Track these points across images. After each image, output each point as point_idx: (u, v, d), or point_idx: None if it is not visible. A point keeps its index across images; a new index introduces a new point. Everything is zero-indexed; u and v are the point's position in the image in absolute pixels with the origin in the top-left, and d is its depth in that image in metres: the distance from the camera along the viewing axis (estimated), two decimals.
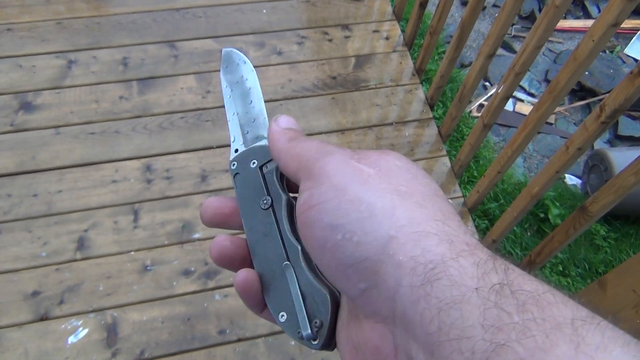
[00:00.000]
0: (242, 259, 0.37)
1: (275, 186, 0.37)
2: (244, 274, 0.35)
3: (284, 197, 0.36)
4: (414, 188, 0.29)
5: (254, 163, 0.38)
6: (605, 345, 0.20)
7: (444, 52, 2.46)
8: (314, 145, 0.32)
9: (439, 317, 0.23)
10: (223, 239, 0.37)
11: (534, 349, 0.20)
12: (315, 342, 0.32)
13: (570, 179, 2.39)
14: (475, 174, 1.98)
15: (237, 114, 0.42)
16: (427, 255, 0.25)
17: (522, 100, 2.68)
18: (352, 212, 0.27)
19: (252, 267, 0.37)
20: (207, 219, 0.39)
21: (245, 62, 0.44)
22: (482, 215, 1.88)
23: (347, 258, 0.27)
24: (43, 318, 1.45)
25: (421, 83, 2.00)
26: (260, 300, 0.35)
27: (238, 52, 0.45)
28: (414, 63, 2.04)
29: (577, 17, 3.07)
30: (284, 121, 0.37)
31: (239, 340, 1.45)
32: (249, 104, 0.42)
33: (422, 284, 0.24)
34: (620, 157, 2.14)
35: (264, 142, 0.39)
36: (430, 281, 0.24)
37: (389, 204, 0.27)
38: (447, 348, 0.22)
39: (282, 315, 0.34)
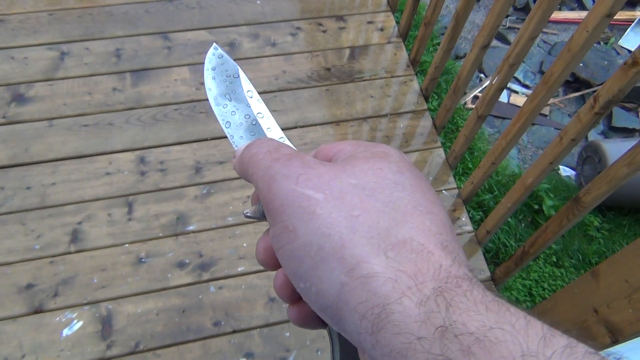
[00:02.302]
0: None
1: None
2: (297, 309, 0.33)
3: None
4: (369, 209, 0.27)
5: None
6: None
7: (438, 44, 2.45)
8: (261, 164, 0.31)
9: None
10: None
11: None
12: None
13: (564, 171, 2.39)
14: (470, 166, 1.98)
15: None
16: (373, 299, 0.24)
17: (516, 92, 2.68)
18: (305, 260, 0.27)
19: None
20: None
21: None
22: (476, 207, 1.88)
23: (314, 305, 0.28)
24: (37, 311, 1.45)
25: (416, 74, 2.00)
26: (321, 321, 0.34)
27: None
28: (408, 54, 2.03)
29: (572, 9, 3.07)
30: (239, 150, 0.36)
31: (234, 331, 1.46)
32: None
33: (373, 331, 0.24)
34: (614, 149, 2.15)
35: None
36: (378, 329, 0.24)
37: (338, 242, 0.26)
38: None
39: None
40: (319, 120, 1.84)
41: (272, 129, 0.40)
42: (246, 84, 0.41)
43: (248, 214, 0.36)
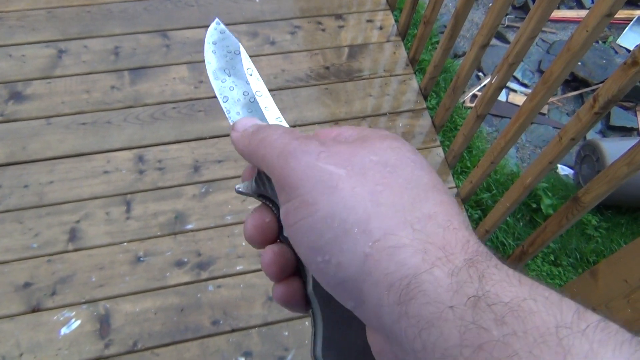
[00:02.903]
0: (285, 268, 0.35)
1: None
2: (283, 288, 0.33)
3: None
4: (391, 185, 0.27)
5: None
6: (595, 352, 0.19)
7: (437, 42, 2.45)
8: (276, 143, 0.30)
9: (421, 337, 0.22)
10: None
11: None
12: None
13: (563, 169, 2.40)
14: (468, 164, 1.98)
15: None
16: (402, 270, 0.24)
17: (515, 91, 2.68)
18: (326, 232, 0.26)
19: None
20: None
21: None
22: (474, 206, 1.88)
23: (331, 279, 0.27)
24: (35, 309, 1.44)
25: (415, 73, 1.99)
26: (305, 304, 0.34)
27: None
28: (407, 53, 2.03)
29: (570, 7, 3.07)
30: (241, 124, 0.35)
31: (233, 330, 1.45)
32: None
33: (400, 302, 0.23)
34: (613, 148, 2.15)
35: None
36: (406, 299, 0.23)
37: (363, 215, 0.26)
38: None
39: None
40: (317, 119, 1.84)
41: (270, 108, 0.39)
42: (246, 62, 0.41)
43: (240, 189, 0.36)
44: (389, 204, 0.26)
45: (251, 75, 0.40)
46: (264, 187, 0.34)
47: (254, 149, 0.32)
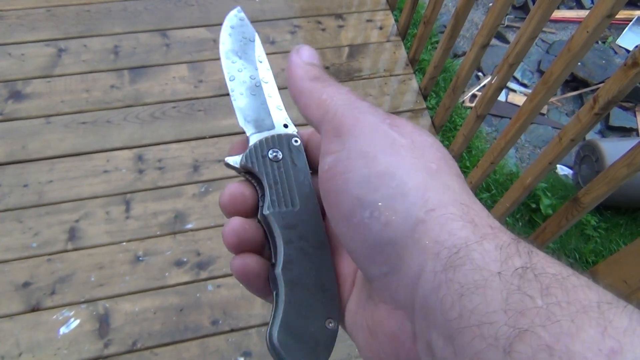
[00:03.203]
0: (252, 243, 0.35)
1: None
2: (241, 260, 0.33)
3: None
4: (442, 168, 0.28)
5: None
6: (633, 328, 0.19)
7: (437, 42, 2.45)
8: (342, 95, 0.30)
9: (461, 303, 0.22)
10: (239, 222, 0.34)
11: (559, 334, 0.20)
12: None
13: (562, 170, 2.40)
14: (468, 164, 1.98)
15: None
16: (452, 239, 0.24)
17: (514, 91, 2.68)
18: (382, 188, 0.26)
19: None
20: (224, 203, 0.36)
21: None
22: None
23: (373, 237, 0.26)
24: (34, 309, 1.44)
25: (414, 73, 2.00)
26: (264, 285, 0.34)
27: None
28: (407, 53, 2.03)
29: (570, 8, 3.07)
30: (307, 53, 0.34)
31: (232, 330, 1.46)
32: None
33: (445, 269, 0.23)
34: (612, 148, 2.15)
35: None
36: (453, 266, 0.23)
37: (422, 183, 0.26)
38: (468, 334, 0.22)
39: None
40: None
41: (273, 96, 0.40)
42: (259, 50, 0.42)
43: (229, 162, 0.36)
44: (442, 183, 0.27)
45: (261, 62, 0.41)
46: (252, 164, 0.35)
47: (313, 90, 0.31)
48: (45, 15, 1.96)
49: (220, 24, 0.43)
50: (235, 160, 0.36)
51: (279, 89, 0.41)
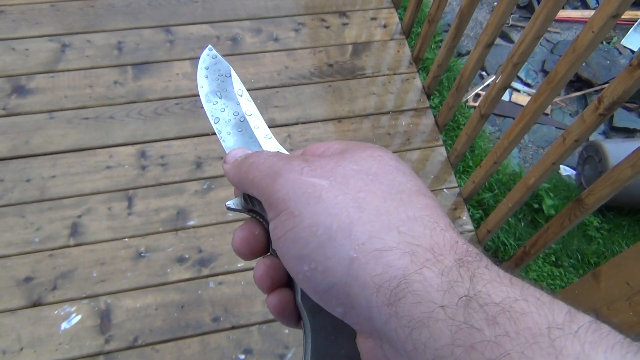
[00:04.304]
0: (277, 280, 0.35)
1: None
2: (275, 298, 0.34)
3: None
4: (374, 191, 0.28)
5: None
6: (586, 354, 0.19)
7: (441, 41, 2.45)
8: (263, 166, 0.31)
9: (412, 337, 0.22)
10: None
11: None
12: None
13: (565, 170, 2.39)
14: (471, 164, 1.98)
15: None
16: (390, 271, 0.24)
17: (518, 90, 2.68)
18: (311, 240, 0.27)
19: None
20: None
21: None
22: (476, 205, 1.88)
23: (319, 287, 0.27)
24: (36, 304, 1.44)
25: (418, 72, 1.99)
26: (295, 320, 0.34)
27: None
28: (411, 51, 2.02)
29: (575, 7, 3.06)
30: (231, 156, 0.36)
31: (233, 327, 1.46)
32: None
33: (390, 302, 0.23)
34: (615, 149, 2.14)
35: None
36: (395, 300, 0.23)
37: (346, 220, 0.26)
38: None
39: None
40: (320, 117, 1.83)
41: (260, 127, 0.40)
42: (237, 84, 0.42)
43: (230, 206, 0.37)
44: (372, 209, 0.27)
45: (241, 96, 0.42)
46: (252, 204, 0.35)
47: (243, 175, 0.33)
48: (49, 10, 1.96)
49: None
50: (235, 202, 0.37)
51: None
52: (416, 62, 2.00)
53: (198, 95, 0.42)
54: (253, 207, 0.35)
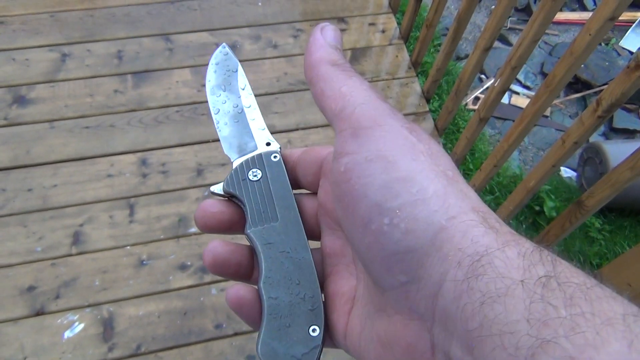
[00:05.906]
0: (237, 265, 0.35)
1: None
2: (236, 291, 0.33)
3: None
4: (457, 176, 0.27)
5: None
6: None
7: (440, 45, 2.45)
8: (363, 92, 0.29)
9: (482, 312, 0.22)
10: (217, 244, 0.35)
11: (583, 345, 0.19)
12: None
13: (565, 172, 2.39)
14: (471, 167, 1.98)
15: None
16: (474, 246, 0.23)
17: (517, 93, 2.68)
18: (403, 194, 0.25)
19: (249, 276, 0.36)
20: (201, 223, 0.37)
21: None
22: None
23: (392, 246, 0.25)
24: (39, 313, 1.45)
25: (417, 76, 2.00)
26: (257, 317, 0.33)
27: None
28: (410, 56, 2.03)
29: (573, 10, 3.07)
30: (331, 34, 0.32)
31: (236, 334, 1.46)
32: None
33: (467, 277, 0.23)
34: (615, 150, 2.14)
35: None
36: (475, 274, 0.23)
37: (442, 189, 0.25)
38: (489, 344, 0.21)
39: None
40: (320, 123, 1.84)
41: (256, 120, 0.42)
42: (242, 79, 0.44)
43: (214, 191, 0.38)
44: (459, 190, 0.26)
45: (243, 89, 0.43)
46: (234, 188, 0.37)
47: (334, 78, 0.30)
48: (49, 20, 1.97)
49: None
50: (218, 187, 0.38)
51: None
52: (415, 66, 2.01)
53: (204, 86, 0.44)
54: (234, 192, 0.37)
